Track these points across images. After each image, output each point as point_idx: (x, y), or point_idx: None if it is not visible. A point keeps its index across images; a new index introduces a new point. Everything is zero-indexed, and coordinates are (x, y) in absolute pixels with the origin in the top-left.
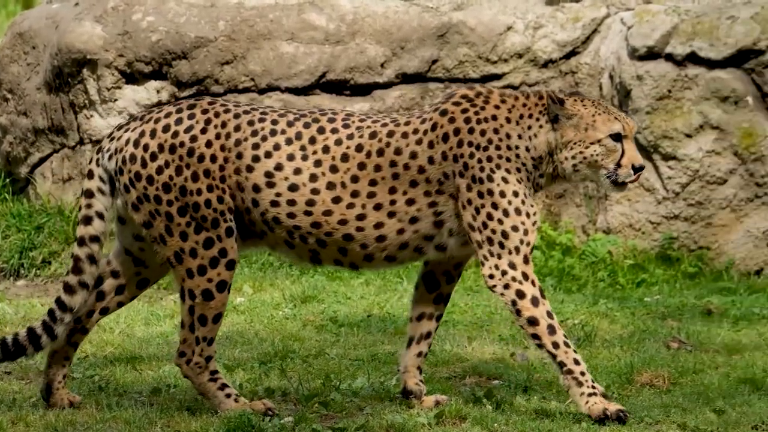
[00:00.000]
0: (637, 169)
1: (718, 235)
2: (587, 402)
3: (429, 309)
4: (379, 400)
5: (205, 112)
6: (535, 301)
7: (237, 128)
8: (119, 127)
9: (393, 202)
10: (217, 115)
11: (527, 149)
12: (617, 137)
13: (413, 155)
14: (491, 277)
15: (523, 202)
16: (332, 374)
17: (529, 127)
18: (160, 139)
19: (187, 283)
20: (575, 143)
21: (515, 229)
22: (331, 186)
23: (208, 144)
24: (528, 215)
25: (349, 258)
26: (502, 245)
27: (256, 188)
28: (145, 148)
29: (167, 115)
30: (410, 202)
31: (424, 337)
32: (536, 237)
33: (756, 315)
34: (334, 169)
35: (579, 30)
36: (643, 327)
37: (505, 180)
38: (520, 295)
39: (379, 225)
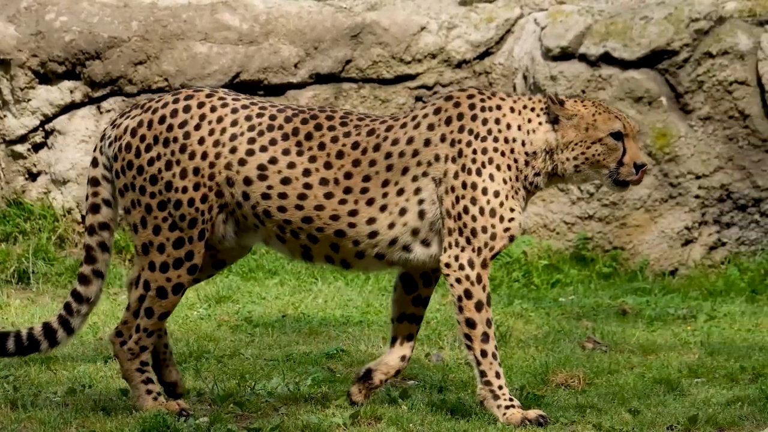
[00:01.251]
0: (639, 167)
1: (633, 235)
2: (505, 414)
3: (409, 309)
4: (294, 400)
5: (201, 105)
6: (479, 306)
7: (234, 123)
8: (121, 114)
9: (385, 195)
10: (213, 109)
11: (523, 143)
12: (618, 136)
13: (410, 140)
14: (448, 266)
15: (501, 204)
16: (247, 374)
17: (530, 120)
18: (156, 130)
19: (146, 274)
20: (576, 143)
21: (484, 230)
22: (324, 182)
23: (201, 141)
24: (501, 219)
25: (341, 254)
26: (468, 240)
27: (248, 181)
28: (142, 138)
29: (164, 106)
30: (400, 192)
31: (407, 339)
32: (504, 243)
33: (671, 315)
34: (328, 165)
35: (492, 30)
36: (558, 327)
37: (491, 177)
38: (468, 294)
39: (371, 220)
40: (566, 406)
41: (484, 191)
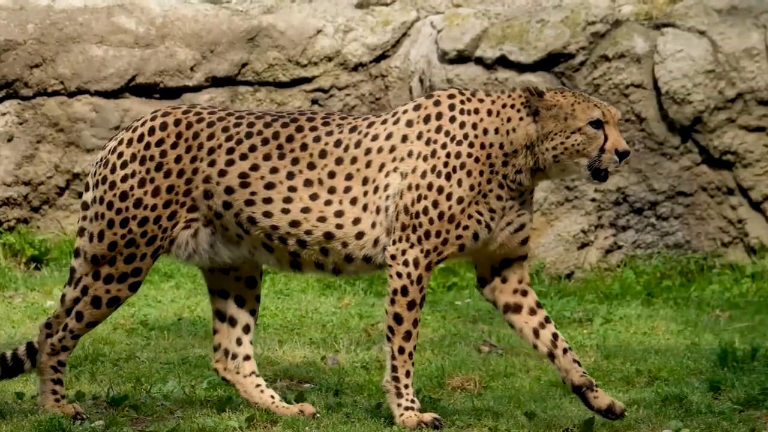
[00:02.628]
0: (621, 154)
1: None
2: (402, 414)
3: (533, 323)
4: (189, 403)
5: (177, 123)
6: (411, 305)
7: (210, 137)
8: (113, 138)
9: (365, 194)
10: (189, 126)
11: (501, 145)
12: (597, 124)
13: (389, 136)
14: (393, 257)
15: (462, 211)
16: (143, 378)
17: (509, 119)
18: (134, 148)
19: (87, 280)
20: (556, 134)
21: (438, 234)
22: (308, 183)
23: (178, 159)
24: (458, 226)
25: (332, 258)
26: (419, 240)
27: (229, 190)
28: (119, 155)
29: (143, 124)
30: (376, 189)
31: (554, 339)
32: (453, 251)
33: (567, 318)
34: (311, 166)
35: (389, 33)
36: (454, 331)
37: (459, 183)
38: (404, 291)
39: (357, 221)
40: (462, 409)
41: (449, 196)
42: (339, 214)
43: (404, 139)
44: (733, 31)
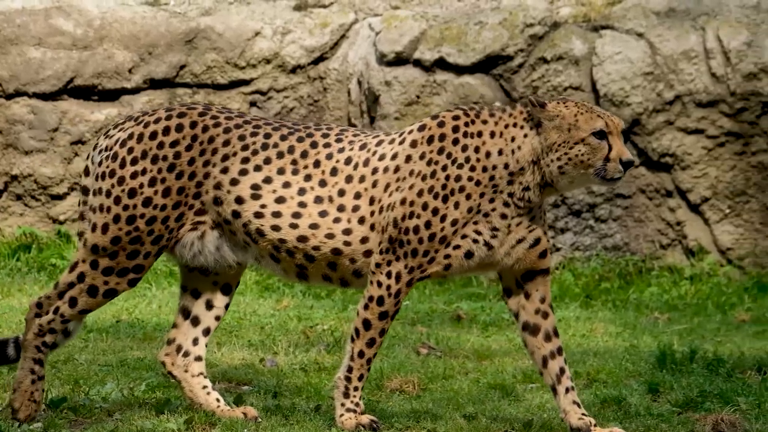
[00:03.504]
0: (626, 164)
1: None
2: (342, 415)
3: (546, 350)
4: (128, 405)
5: (193, 126)
6: (383, 315)
7: (226, 143)
8: (115, 126)
9: (372, 213)
10: (205, 129)
11: (506, 166)
12: (601, 134)
13: (394, 156)
14: (378, 266)
15: (454, 233)
16: (81, 380)
17: (513, 139)
18: (146, 145)
19: (85, 267)
20: (559, 145)
21: (426, 254)
22: (318, 200)
23: (191, 162)
24: (447, 246)
25: (339, 273)
26: (405, 255)
27: (240, 200)
28: (130, 150)
29: (157, 121)
30: (381, 210)
31: (561, 374)
32: (437, 270)
33: (505, 321)
34: (323, 183)
35: (327, 35)
36: (392, 333)
37: (456, 205)
38: (380, 301)
39: (365, 240)
40: (401, 411)
41: (443, 218)
42: (347, 232)
43: (408, 159)
44: (672, 34)
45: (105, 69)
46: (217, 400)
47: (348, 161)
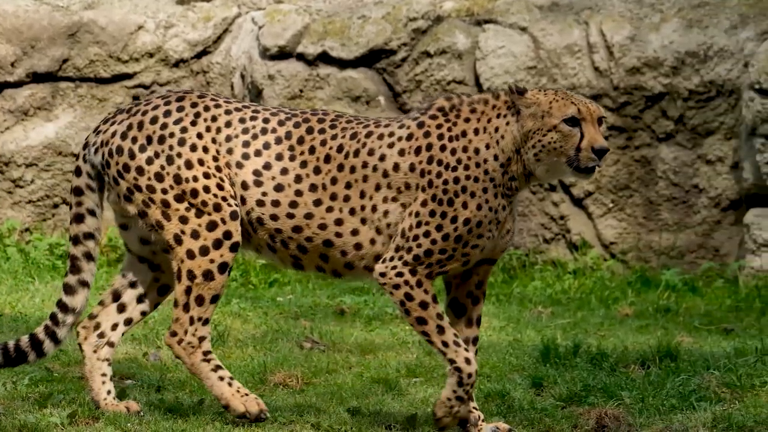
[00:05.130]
0: (599, 151)
1: None
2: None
3: (463, 335)
4: (11, 399)
5: (194, 105)
6: (423, 305)
7: (228, 124)
8: (105, 121)
9: (363, 208)
10: (207, 109)
11: (495, 157)
12: (573, 121)
13: (382, 158)
14: (383, 275)
15: (469, 231)
16: None
17: (497, 129)
18: (148, 131)
19: (187, 264)
20: (534, 132)
21: (443, 251)
22: (313, 188)
23: (199, 135)
24: (465, 245)
25: (331, 265)
26: (416, 258)
27: (245, 185)
28: (134, 140)
29: (155, 108)
30: (374, 208)
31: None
32: (456, 266)
33: (389, 315)
34: (317, 170)
35: (210, 29)
36: (276, 327)
37: (464, 205)
38: (408, 297)
39: (355, 231)
40: (284, 405)
41: (453, 219)
42: (339, 222)
43: (396, 168)
44: (555, 28)
45: None
46: (108, 392)
47: (340, 149)
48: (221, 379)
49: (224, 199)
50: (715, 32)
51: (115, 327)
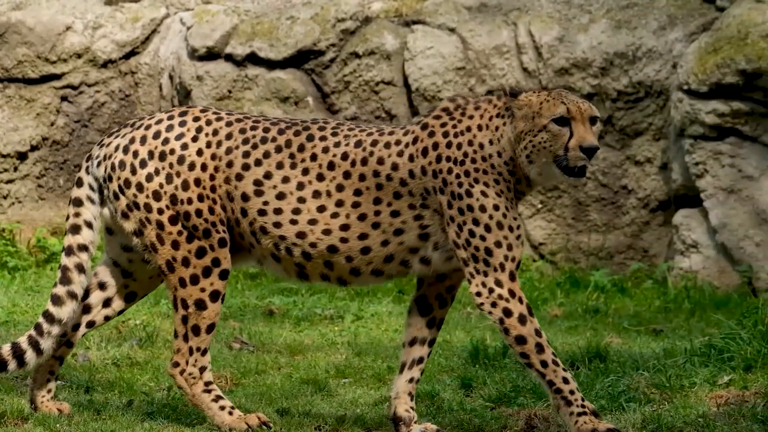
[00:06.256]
0: (587, 150)
1: None
2: (576, 422)
3: (422, 334)
4: None
5: (196, 119)
6: (522, 319)
7: (228, 136)
8: (109, 134)
9: (377, 213)
10: (208, 123)
11: (499, 154)
12: (562, 121)
13: (394, 167)
14: (478, 294)
15: (504, 216)
16: None
17: (497, 128)
18: (150, 145)
19: (180, 292)
20: (526, 133)
21: (498, 245)
22: (317, 194)
23: (199, 152)
24: (511, 229)
25: (336, 272)
26: (486, 263)
27: (245, 197)
28: (135, 154)
29: (158, 122)
30: (395, 213)
31: (417, 363)
32: (522, 252)
33: (318, 315)
34: (320, 177)
35: (138, 30)
36: None
37: (484, 194)
38: (507, 313)
39: (363, 236)
40: None
41: (482, 208)
42: (344, 227)
43: (411, 174)
44: (483, 29)
45: None
46: (48, 391)
47: (345, 157)
48: (222, 408)
49: (213, 225)
50: (644, 33)
51: (76, 327)
